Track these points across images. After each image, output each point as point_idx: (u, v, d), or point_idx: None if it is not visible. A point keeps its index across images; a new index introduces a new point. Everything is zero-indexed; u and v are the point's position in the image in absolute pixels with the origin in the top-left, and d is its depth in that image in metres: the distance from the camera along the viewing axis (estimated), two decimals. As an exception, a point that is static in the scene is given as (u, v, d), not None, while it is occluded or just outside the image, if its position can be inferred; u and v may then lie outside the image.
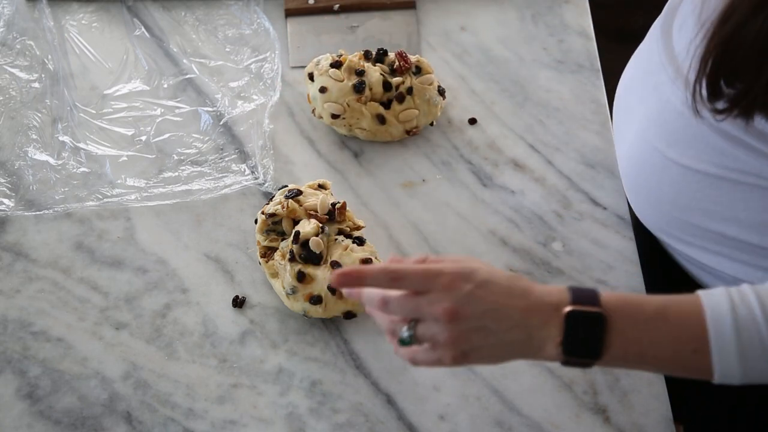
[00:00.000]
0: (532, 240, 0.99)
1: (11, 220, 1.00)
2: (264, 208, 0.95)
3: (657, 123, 0.87)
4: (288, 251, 0.92)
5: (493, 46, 1.16)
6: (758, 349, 0.67)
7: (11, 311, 0.94)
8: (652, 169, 0.89)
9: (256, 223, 0.96)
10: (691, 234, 0.89)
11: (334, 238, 0.93)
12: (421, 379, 0.89)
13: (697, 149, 0.83)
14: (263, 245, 0.95)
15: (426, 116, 1.06)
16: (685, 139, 0.84)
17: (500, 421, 0.87)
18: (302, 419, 0.87)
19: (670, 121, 0.85)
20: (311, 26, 1.17)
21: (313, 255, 0.91)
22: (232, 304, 0.93)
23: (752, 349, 0.67)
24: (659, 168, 0.88)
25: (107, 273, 0.97)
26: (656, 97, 0.87)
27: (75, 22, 1.17)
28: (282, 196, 0.95)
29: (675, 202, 0.88)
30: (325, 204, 0.94)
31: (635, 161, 0.92)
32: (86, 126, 1.07)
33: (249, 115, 1.08)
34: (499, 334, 0.70)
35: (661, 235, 0.95)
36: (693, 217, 0.87)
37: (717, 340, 0.67)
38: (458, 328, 0.69)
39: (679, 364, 0.70)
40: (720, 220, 0.85)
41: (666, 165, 0.87)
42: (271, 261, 0.94)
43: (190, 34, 1.16)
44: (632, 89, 0.94)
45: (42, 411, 0.88)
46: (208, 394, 0.89)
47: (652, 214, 0.94)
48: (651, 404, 0.88)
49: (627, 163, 0.95)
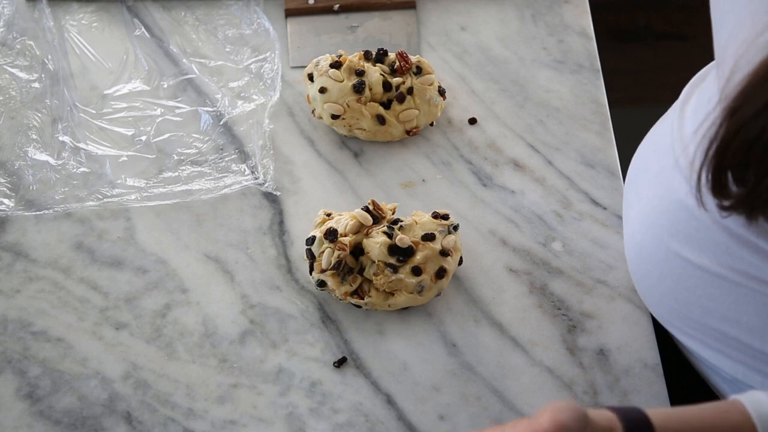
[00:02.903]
0: (532, 240, 0.99)
1: (11, 220, 1.00)
2: (319, 267, 0.91)
3: (660, 210, 0.84)
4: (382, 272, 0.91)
5: (493, 45, 1.16)
6: None
7: (11, 311, 0.94)
8: (655, 258, 0.85)
9: (321, 287, 0.93)
10: (692, 328, 0.86)
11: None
12: (421, 379, 0.90)
13: (700, 243, 0.80)
14: (349, 293, 0.92)
15: (426, 116, 1.06)
16: (688, 232, 0.80)
17: (500, 421, 0.87)
18: (302, 419, 0.87)
19: (674, 211, 0.82)
20: (311, 26, 1.17)
21: (404, 250, 0.91)
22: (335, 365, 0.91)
23: None
24: (661, 257, 0.84)
25: (107, 273, 0.97)
26: (662, 182, 0.84)
27: (75, 22, 1.17)
28: (326, 245, 0.92)
29: (675, 295, 0.85)
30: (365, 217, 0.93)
31: (639, 247, 0.89)
32: (86, 126, 1.07)
33: (249, 115, 1.08)
34: None
35: (664, 323, 0.91)
36: (693, 311, 0.84)
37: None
38: None
39: None
40: (720, 318, 0.82)
41: (668, 256, 0.83)
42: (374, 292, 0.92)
43: (190, 34, 1.16)
44: (643, 167, 0.90)
45: (42, 411, 0.88)
46: (208, 394, 0.89)
47: (654, 302, 0.90)
48: (651, 404, 0.88)
49: (631, 247, 0.91)
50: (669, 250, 0.83)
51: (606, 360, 0.90)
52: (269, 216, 1.01)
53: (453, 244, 0.93)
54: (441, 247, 0.92)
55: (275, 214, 1.01)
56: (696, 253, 0.80)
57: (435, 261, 0.92)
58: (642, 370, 0.90)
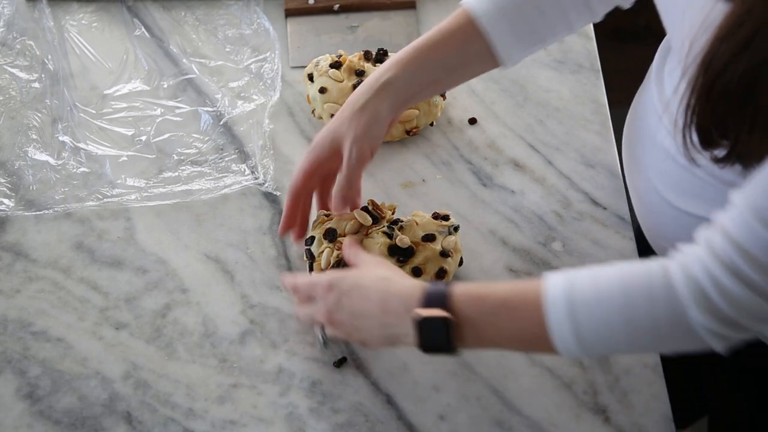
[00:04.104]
0: (532, 240, 0.99)
1: (11, 220, 1.00)
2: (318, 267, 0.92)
3: (661, 173, 0.86)
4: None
5: (493, 46, 1.16)
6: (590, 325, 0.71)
7: (11, 311, 0.94)
8: (666, 219, 0.87)
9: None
10: None
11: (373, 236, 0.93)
12: (421, 379, 0.89)
13: (703, 198, 0.82)
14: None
15: (426, 116, 1.06)
16: (692, 190, 0.83)
17: (500, 421, 0.87)
18: (302, 419, 0.87)
19: (672, 172, 0.84)
20: (311, 26, 1.17)
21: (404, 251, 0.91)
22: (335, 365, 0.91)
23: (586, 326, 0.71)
24: (672, 217, 0.86)
25: (107, 273, 0.97)
26: (656, 146, 0.86)
27: (75, 22, 1.17)
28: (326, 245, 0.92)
29: None
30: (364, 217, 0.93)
31: (649, 211, 0.91)
32: (86, 126, 1.07)
33: (249, 115, 1.08)
34: (369, 330, 0.80)
35: None
36: None
37: (554, 321, 0.72)
38: (340, 329, 0.82)
39: (529, 345, 0.78)
40: None
41: (678, 215, 0.85)
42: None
43: (190, 34, 1.16)
44: (635, 137, 0.92)
45: (42, 411, 0.88)
46: (208, 394, 0.89)
47: None
48: (651, 404, 0.88)
49: (642, 211, 0.93)
50: (677, 210, 0.85)
51: (606, 360, 0.90)
52: (269, 216, 1.01)
53: (453, 245, 0.93)
54: (441, 248, 0.92)
55: (275, 214, 1.01)
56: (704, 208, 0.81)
57: (435, 262, 0.92)
58: (642, 370, 0.90)
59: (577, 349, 0.72)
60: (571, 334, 0.71)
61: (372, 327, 0.80)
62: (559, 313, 0.71)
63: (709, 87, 0.63)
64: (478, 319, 0.75)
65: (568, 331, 0.71)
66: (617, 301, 0.70)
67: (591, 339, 0.71)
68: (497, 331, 0.75)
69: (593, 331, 0.71)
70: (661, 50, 0.91)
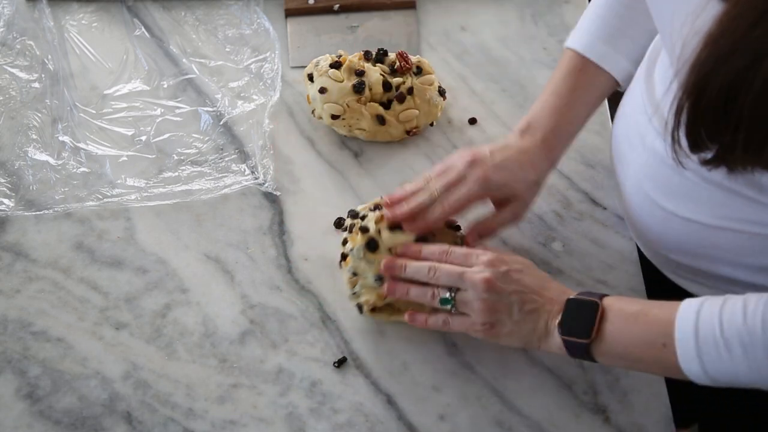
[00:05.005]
0: (532, 240, 0.99)
1: (11, 220, 1.00)
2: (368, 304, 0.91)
3: (649, 175, 0.87)
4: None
5: (493, 45, 1.16)
6: (712, 347, 0.72)
7: (11, 311, 0.94)
8: (653, 219, 0.88)
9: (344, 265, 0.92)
10: (701, 276, 0.90)
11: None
12: (421, 379, 0.89)
13: (693, 201, 0.82)
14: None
15: (426, 116, 1.06)
16: (680, 192, 0.83)
17: (500, 421, 0.87)
18: (302, 419, 0.87)
19: (661, 174, 0.85)
20: (311, 26, 1.17)
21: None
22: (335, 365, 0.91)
23: (707, 346, 0.72)
24: (660, 219, 0.87)
25: (107, 273, 0.97)
26: (644, 147, 0.86)
27: (75, 22, 1.17)
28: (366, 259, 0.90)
29: (680, 250, 0.89)
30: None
31: (636, 211, 0.91)
32: (86, 126, 1.07)
33: (249, 115, 1.08)
34: (522, 313, 0.83)
35: (673, 276, 0.94)
36: (701, 263, 0.88)
37: (681, 336, 0.73)
38: (491, 299, 0.83)
39: (654, 358, 0.77)
40: (727, 264, 0.85)
41: (666, 216, 0.86)
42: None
43: (190, 34, 1.16)
44: (624, 136, 0.93)
45: (42, 411, 0.88)
46: (208, 394, 0.89)
47: (660, 259, 0.94)
48: (651, 404, 0.88)
49: (629, 211, 0.94)
50: (666, 211, 0.86)
51: (606, 360, 0.90)
52: (269, 216, 1.01)
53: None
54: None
55: (275, 214, 1.01)
56: (692, 210, 0.83)
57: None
58: (642, 370, 0.90)
59: (700, 372, 0.73)
60: (696, 360, 0.73)
61: (527, 309, 0.82)
62: (686, 332, 0.74)
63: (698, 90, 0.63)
64: (618, 317, 0.79)
65: (692, 355, 0.73)
66: (738, 325, 0.71)
67: (712, 363, 0.73)
68: (630, 333, 0.78)
69: (714, 357, 0.72)
70: (652, 51, 0.91)
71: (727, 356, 0.71)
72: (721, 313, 0.72)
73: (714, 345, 0.72)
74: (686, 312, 0.74)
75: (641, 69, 0.92)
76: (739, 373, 0.72)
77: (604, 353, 0.80)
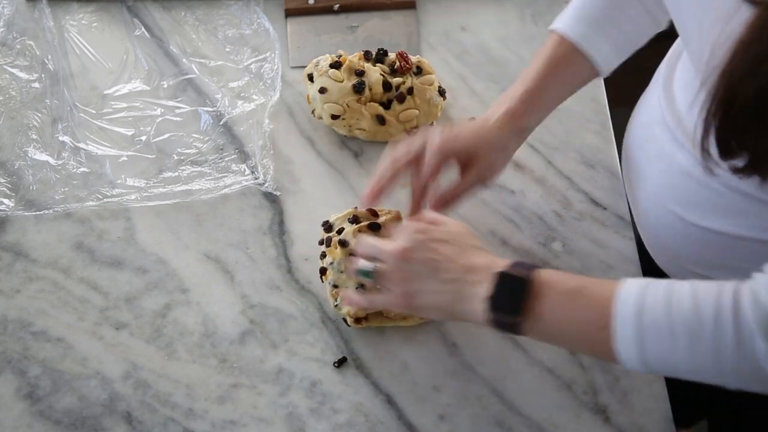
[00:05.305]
0: (532, 240, 0.99)
1: (11, 220, 1.00)
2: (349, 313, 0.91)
3: (668, 186, 0.85)
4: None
5: (493, 45, 1.16)
6: (654, 332, 0.69)
7: (11, 311, 0.94)
8: (672, 231, 0.87)
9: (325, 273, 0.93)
10: None
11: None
12: (421, 379, 0.89)
13: (716, 211, 0.81)
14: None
15: (426, 116, 1.06)
16: (702, 202, 0.82)
17: (500, 421, 0.87)
18: (302, 419, 0.87)
19: (682, 185, 0.83)
20: (311, 26, 1.17)
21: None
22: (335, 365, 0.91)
23: (650, 332, 0.69)
24: (679, 230, 0.85)
25: (107, 273, 0.97)
26: (664, 159, 0.85)
27: (75, 22, 1.17)
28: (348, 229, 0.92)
29: (700, 262, 0.87)
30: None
31: (653, 223, 0.90)
32: (86, 126, 1.07)
33: (249, 115, 1.08)
34: (438, 282, 0.79)
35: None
36: (720, 275, 0.84)
37: (620, 319, 0.70)
38: (405, 267, 0.80)
39: (588, 338, 0.73)
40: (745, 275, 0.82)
41: (686, 228, 0.84)
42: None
43: (190, 34, 1.16)
44: (640, 147, 0.91)
45: (42, 411, 0.88)
46: (208, 394, 0.89)
47: (678, 271, 0.92)
48: (651, 404, 0.88)
49: (645, 223, 0.92)
50: (686, 222, 0.84)
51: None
52: (269, 216, 1.01)
53: None
54: None
55: (275, 214, 1.01)
56: (715, 221, 0.81)
57: None
58: (642, 370, 0.90)
59: (636, 357, 0.70)
60: (634, 343, 0.69)
61: (443, 278, 0.78)
62: (627, 314, 0.70)
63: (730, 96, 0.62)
64: (551, 295, 0.74)
65: (632, 338, 0.69)
66: (686, 313, 0.68)
67: (652, 348, 0.69)
68: (564, 312, 0.74)
69: (656, 342, 0.69)
70: (669, 60, 0.90)
71: (670, 344, 0.68)
72: (669, 297, 0.69)
73: (657, 330, 0.69)
74: (628, 294, 0.70)
75: (657, 79, 0.90)
76: (679, 362, 0.69)
77: (535, 331, 0.76)
